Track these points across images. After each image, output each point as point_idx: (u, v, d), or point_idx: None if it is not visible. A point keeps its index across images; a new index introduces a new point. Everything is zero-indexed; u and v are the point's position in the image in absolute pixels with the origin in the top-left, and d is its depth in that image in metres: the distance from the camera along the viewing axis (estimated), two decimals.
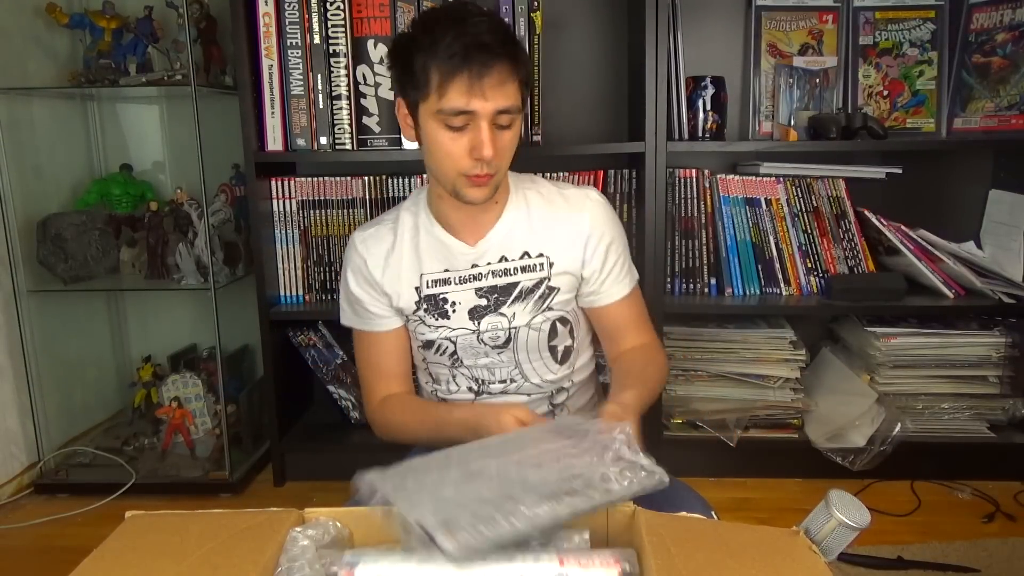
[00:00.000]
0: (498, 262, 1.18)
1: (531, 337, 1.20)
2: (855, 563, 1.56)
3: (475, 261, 1.19)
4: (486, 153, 1.04)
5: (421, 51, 1.04)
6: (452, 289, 1.19)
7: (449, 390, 1.25)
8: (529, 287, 1.19)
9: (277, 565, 0.69)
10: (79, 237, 2.05)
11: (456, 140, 1.06)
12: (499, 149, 1.06)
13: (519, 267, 1.19)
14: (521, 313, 1.19)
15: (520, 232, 1.19)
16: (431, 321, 1.20)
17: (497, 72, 1.02)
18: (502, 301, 1.19)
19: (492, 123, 1.05)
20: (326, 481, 1.99)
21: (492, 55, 1.02)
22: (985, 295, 1.90)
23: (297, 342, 2.01)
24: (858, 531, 0.74)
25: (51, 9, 1.99)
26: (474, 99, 1.02)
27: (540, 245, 1.19)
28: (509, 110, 1.05)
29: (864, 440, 1.88)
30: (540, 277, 1.19)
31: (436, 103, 1.04)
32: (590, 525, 0.76)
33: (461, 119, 1.04)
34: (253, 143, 1.88)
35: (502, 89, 1.03)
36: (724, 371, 1.99)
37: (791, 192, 1.99)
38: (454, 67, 1.01)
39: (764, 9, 2.05)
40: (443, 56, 1.01)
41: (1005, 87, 1.95)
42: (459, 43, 1.01)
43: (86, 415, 2.25)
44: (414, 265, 1.20)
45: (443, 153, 1.07)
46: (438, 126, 1.06)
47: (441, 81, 1.02)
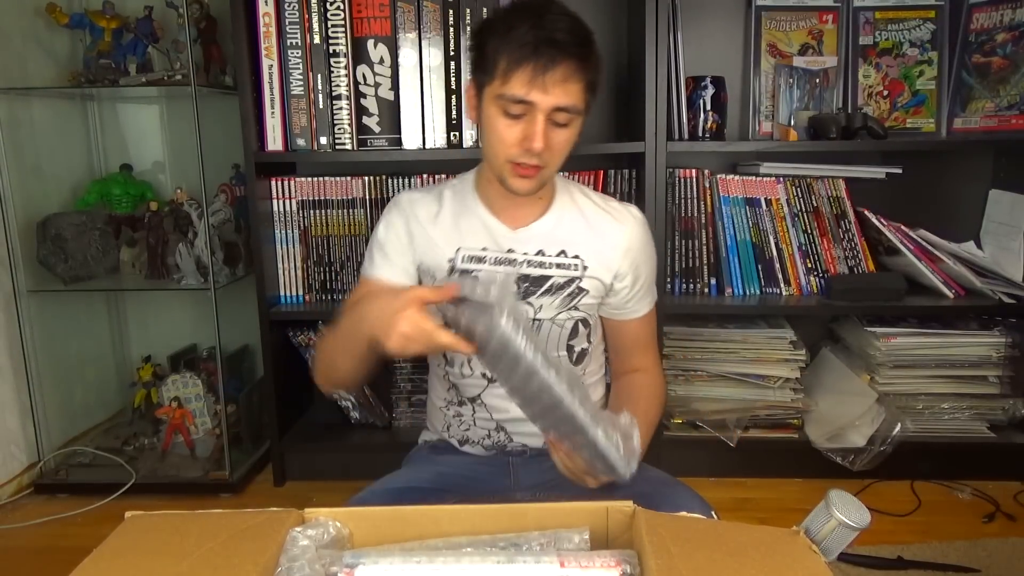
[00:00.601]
0: (535, 254, 1.21)
1: (553, 332, 1.23)
2: (855, 563, 1.56)
3: (512, 247, 1.21)
4: (536, 145, 1.07)
5: (496, 36, 1.08)
6: (485, 268, 1.21)
7: (463, 373, 1.25)
8: (560, 283, 1.21)
9: (277, 565, 0.69)
10: (79, 237, 2.05)
11: (511, 127, 1.09)
12: (551, 145, 1.09)
13: (554, 263, 1.21)
14: (548, 307, 1.21)
15: (562, 231, 1.22)
16: None
17: (562, 69, 1.05)
18: (532, 291, 1.21)
19: (549, 118, 1.07)
20: (326, 481, 1.99)
21: (560, 51, 1.04)
22: (985, 295, 1.90)
23: (297, 342, 2.01)
24: (858, 531, 0.74)
25: (51, 9, 1.99)
26: (534, 91, 1.05)
27: (578, 247, 1.21)
28: (568, 109, 1.07)
29: (864, 440, 1.88)
30: (572, 276, 1.21)
31: (499, 88, 1.07)
32: (590, 525, 0.76)
33: (519, 108, 1.07)
34: (253, 143, 1.88)
35: (564, 86, 1.06)
36: (724, 371, 1.99)
37: (791, 192, 1.99)
38: (522, 56, 1.04)
39: (764, 9, 2.05)
40: (514, 44, 1.05)
41: (1005, 87, 1.95)
42: (532, 34, 1.04)
43: (86, 415, 2.25)
44: (452, 238, 1.22)
45: (496, 137, 1.10)
46: (497, 111, 1.09)
47: (507, 67, 1.06)
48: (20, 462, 2.04)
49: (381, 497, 1.10)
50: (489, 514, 0.78)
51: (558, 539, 0.73)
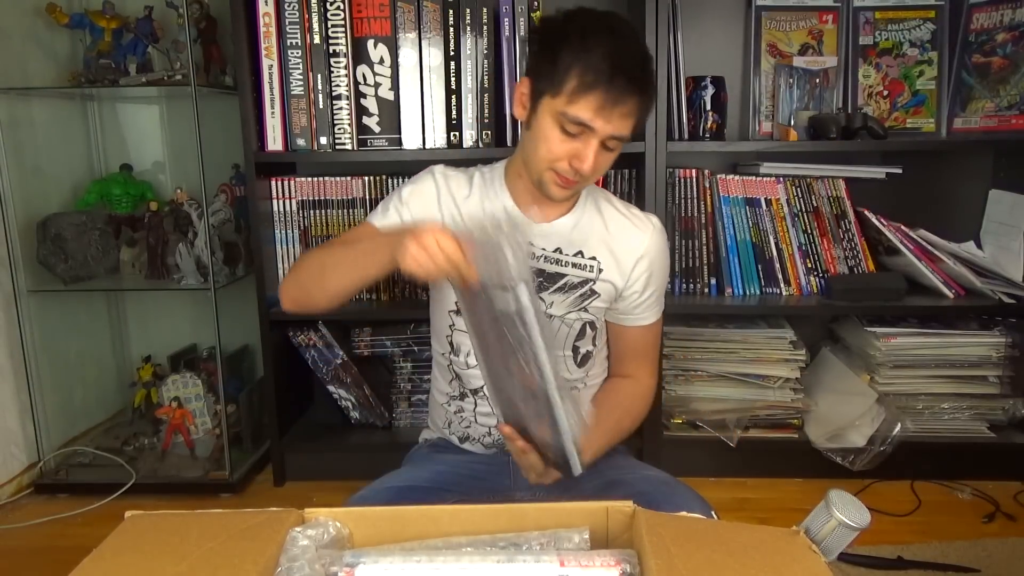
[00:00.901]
0: (552, 251, 1.22)
1: (561, 331, 1.23)
2: (855, 563, 1.56)
3: (532, 241, 1.22)
4: (585, 167, 1.09)
5: (571, 50, 1.06)
6: None
7: (467, 363, 1.26)
8: (574, 283, 1.22)
9: (277, 565, 0.69)
10: (79, 237, 2.05)
11: (564, 142, 1.10)
12: (596, 166, 1.11)
13: (571, 262, 1.22)
14: (559, 304, 1.22)
15: (581, 232, 1.23)
16: None
17: (630, 103, 1.06)
18: (545, 286, 1.22)
19: (602, 143, 1.09)
20: (326, 481, 1.99)
21: (633, 85, 1.05)
22: (985, 295, 1.90)
23: (297, 342, 2.01)
24: (858, 531, 0.74)
25: (51, 9, 1.99)
26: (599, 119, 1.06)
27: (595, 250, 1.23)
28: (622, 138, 1.10)
29: (864, 440, 1.88)
30: (587, 278, 1.22)
31: (563, 105, 1.07)
32: (590, 525, 0.76)
33: (578, 128, 1.08)
34: (253, 143, 1.88)
35: (626, 120, 1.08)
36: (724, 371, 1.99)
37: (791, 192, 1.99)
38: (596, 82, 1.04)
39: (764, 9, 2.05)
40: (591, 66, 1.04)
41: (1005, 87, 1.95)
42: (609, 61, 1.04)
43: (86, 415, 2.25)
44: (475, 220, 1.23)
45: (546, 147, 1.11)
46: (553, 123, 1.09)
47: (577, 88, 1.05)
48: (20, 462, 2.04)
49: (381, 496, 1.10)
50: (489, 514, 0.78)
51: (558, 539, 0.73)
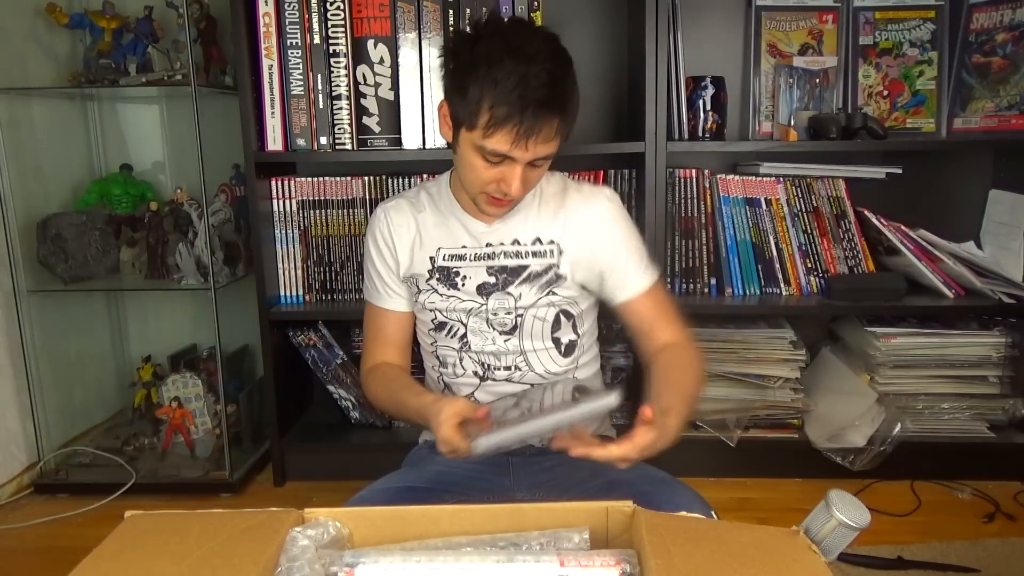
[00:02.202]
0: (511, 244, 1.24)
1: (535, 325, 1.24)
2: (855, 563, 1.56)
3: (490, 240, 1.24)
4: (513, 192, 1.11)
5: (478, 84, 1.06)
6: (465, 264, 1.25)
7: (455, 373, 1.28)
8: (537, 271, 1.24)
9: (277, 565, 0.69)
10: (79, 237, 2.05)
11: (488, 169, 1.11)
12: (527, 183, 1.13)
13: (530, 251, 1.24)
14: (527, 294, 1.23)
15: (535, 219, 1.25)
16: (442, 290, 1.25)
17: (546, 130, 1.07)
18: (510, 281, 1.24)
19: (527, 164, 1.10)
20: (326, 481, 1.99)
21: (546, 112, 1.05)
22: (985, 295, 1.90)
23: (297, 342, 2.01)
24: (858, 531, 0.74)
25: (51, 9, 1.99)
26: (516, 150, 1.07)
27: (552, 232, 1.24)
28: (547, 157, 1.12)
29: (864, 440, 1.88)
30: (549, 264, 1.24)
31: (479, 139, 1.08)
32: (590, 525, 0.76)
33: (499, 158, 1.09)
34: (253, 143, 1.88)
35: (548, 142, 1.09)
36: (724, 371, 1.99)
37: (791, 192, 1.99)
38: (507, 116, 1.04)
39: (764, 9, 2.05)
40: (499, 100, 1.04)
41: (1005, 87, 1.95)
42: (516, 94, 1.03)
43: (86, 415, 2.25)
44: (432, 239, 1.26)
45: (474, 176, 1.13)
46: (474, 153, 1.11)
47: (489, 122, 1.06)
48: (20, 462, 2.04)
49: (381, 497, 1.10)
50: (489, 514, 0.78)
51: (558, 539, 0.73)
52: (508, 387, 1.26)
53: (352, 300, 2.00)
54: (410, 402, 1.17)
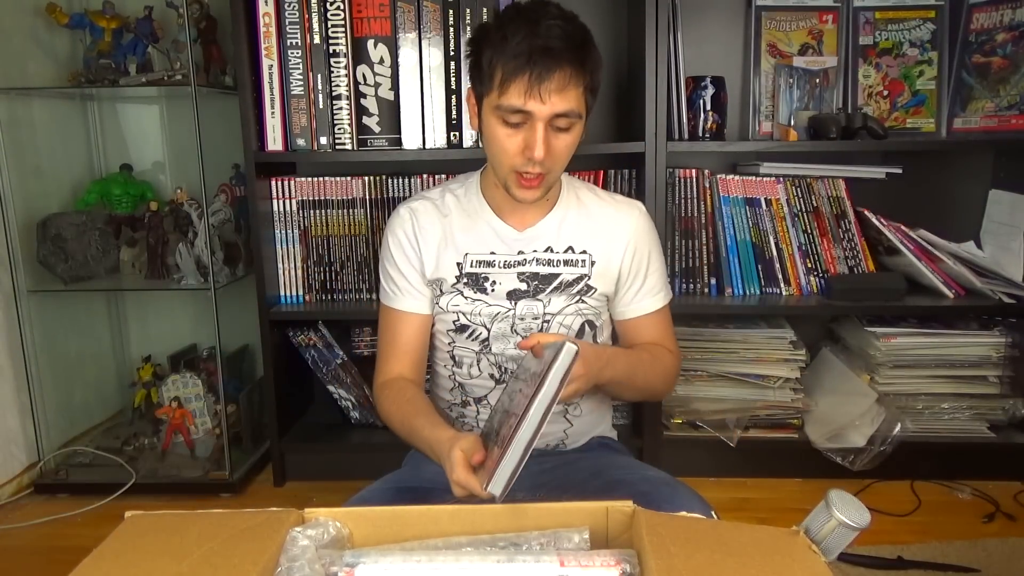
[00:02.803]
0: (544, 251, 1.22)
1: (560, 331, 1.23)
2: (855, 563, 1.56)
3: (521, 248, 1.22)
4: (537, 154, 1.07)
5: (491, 47, 1.07)
6: (495, 271, 1.22)
7: (470, 374, 1.25)
8: (569, 280, 1.22)
9: (277, 565, 0.69)
10: (79, 237, 2.05)
11: (511, 137, 1.09)
12: (553, 151, 1.09)
13: (562, 260, 1.22)
14: (556, 301, 1.22)
15: (568, 227, 1.23)
16: (469, 294, 1.22)
17: (558, 77, 1.05)
18: (541, 288, 1.22)
19: (549, 125, 1.07)
20: (326, 481, 1.99)
21: (556, 59, 1.04)
22: (985, 295, 1.90)
23: (297, 342, 2.01)
24: (858, 531, 0.74)
25: (51, 9, 1.99)
26: (531, 100, 1.05)
27: (585, 242, 1.23)
28: (567, 114, 1.07)
29: (864, 440, 1.88)
30: (581, 273, 1.22)
31: (496, 99, 1.08)
32: (590, 524, 0.76)
33: (518, 117, 1.07)
34: (253, 143, 1.88)
35: (562, 94, 1.06)
36: (724, 371, 1.99)
37: (791, 192, 1.99)
38: (517, 67, 1.04)
39: (764, 9, 2.05)
40: (509, 55, 1.05)
41: (1005, 87, 1.95)
42: (525, 44, 1.04)
43: (86, 415, 2.25)
44: (460, 243, 1.22)
45: (498, 147, 1.11)
46: (497, 121, 1.09)
47: (503, 79, 1.06)
48: (20, 462, 2.04)
49: (381, 497, 1.10)
50: (489, 514, 0.78)
51: (558, 538, 0.73)
52: None
53: (352, 300, 2.00)
54: (424, 432, 1.10)
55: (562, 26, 1.06)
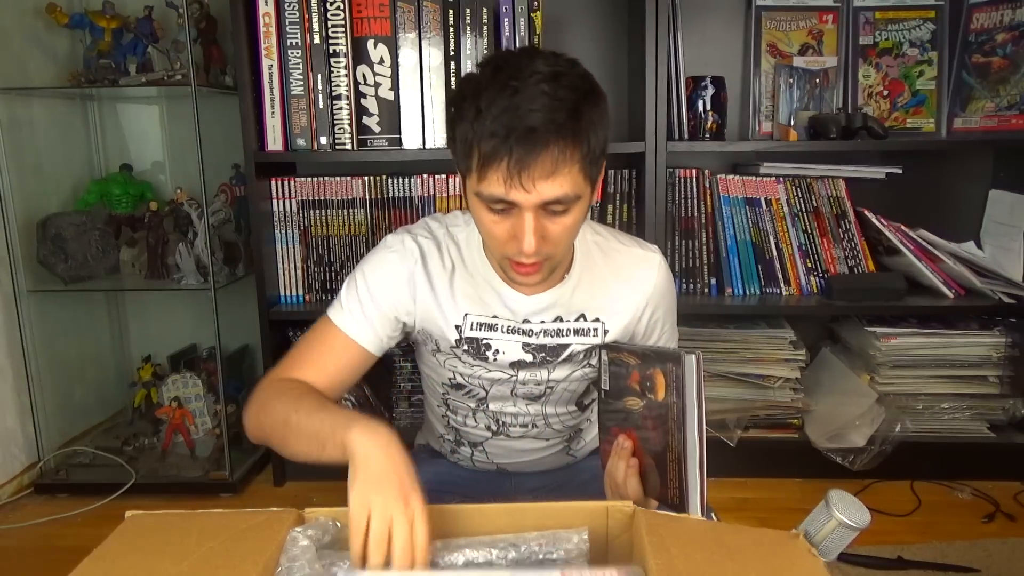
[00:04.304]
0: (552, 322, 1.07)
1: (564, 395, 1.14)
2: (855, 563, 1.56)
3: (528, 316, 1.06)
4: (526, 248, 0.90)
5: (466, 120, 0.88)
6: (498, 337, 1.07)
7: (466, 423, 1.18)
8: (578, 351, 1.09)
9: (277, 565, 0.69)
10: (79, 237, 2.05)
11: (498, 224, 0.92)
12: (550, 236, 0.92)
13: (573, 329, 1.08)
14: (562, 369, 1.11)
15: (581, 295, 1.08)
16: (467, 359, 1.09)
17: (543, 162, 0.85)
18: (548, 360, 1.09)
19: (541, 210, 0.89)
20: (326, 481, 1.96)
21: (538, 140, 0.84)
22: (985, 295, 1.90)
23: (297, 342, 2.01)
24: (858, 531, 0.74)
25: (51, 9, 1.99)
26: (513, 190, 0.86)
27: (598, 310, 1.09)
28: (560, 200, 0.88)
29: (864, 440, 1.88)
30: (592, 343, 1.09)
31: (476, 185, 0.90)
32: (590, 525, 0.76)
33: (502, 205, 0.89)
34: (253, 143, 1.88)
35: (550, 180, 0.86)
36: (724, 371, 1.99)
37: (791, 192, 1.99)
38: (494, 151, 0.85)
39: (764, 9, 2.05)
40: (484, 135, 0.86)
41: (1005, 87, 1.95)
42: (501, 122, 0.85)
43: (86, 415, 2.25)
44: (460, 302, 1.06)
45: (486, 233, 0.96)
46: (480, 205, 0.92)
47: (480, 164, 0.87)
48: (20, 462, 2.04)
49: None
50: (489, 514, 0.78)
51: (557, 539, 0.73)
52: (522, 443, 1.18)
53: None
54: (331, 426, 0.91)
55: (548, 91, 0.86)
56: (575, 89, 0.89)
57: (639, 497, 0.94)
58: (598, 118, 0.92)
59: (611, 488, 0.98)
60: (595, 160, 0.93)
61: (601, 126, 0.93)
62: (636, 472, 0.95)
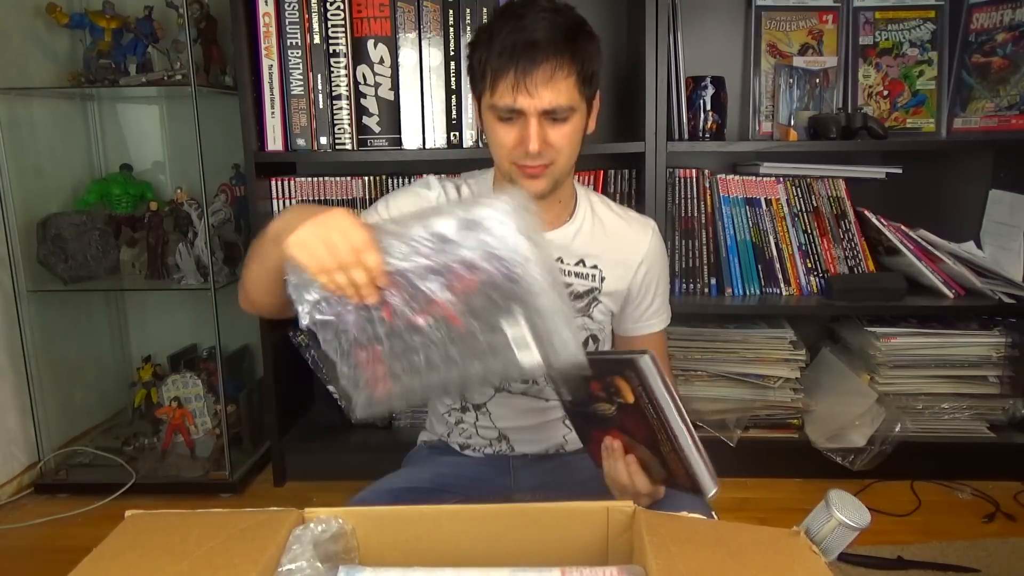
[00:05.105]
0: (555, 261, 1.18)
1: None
2: (855, 563, 1.56)
3: None
4: (531, 147, 1.06)
5: (480, 47, 1.08)
6: None
7: None
8: (580, 292, 1.20)
9: (277, 565, 0.69)
10: (79, 237, 2.05)
11: (508, 131, 1.08)
12: (552, 142, 1.08)
13: (573, 271, 1.20)
14: None
15: (581, 241, 1.20)
16: None
17: (543, 70, 1.03)
18: None
19: (543, 117, 1.06)
20: (326, 481, 1.99)
21: (539, 52, 1.03)
22: (985, 295, 1.90)
23: (297, 342, 2.01)
24: (858, 531, 0.74)
25: (51, 9, 1.99)
26: (520, 96, 1.04)
27: (596, 258, 1.20)
28: (563, 107, 1.06)
29: (864, 440, 1.88)
30: (591, 287, 1.20)
31: (490, 98, 1.07)
32: (590, 525, 0.76)
33: (511, 113, 1.07)
34: (253, 143, 1.88)
35: (550, 87, 1.04)
36: (724, 371, 1.99)
37: (791, 192, 1.99)
38: (502, 64, 1.04)
39: (764, 9, 2.05)
40: (495, 53, 1.05)
41: (1005, 87, 1.95)
42: (509, 40, 1.03)
43: (86, 415, 2.25)
44: None
45: (497, 143, 1.10)
46: (493, 118, 1.09)
47: (492, 78, 1.06)
48: (20, 462, 2.04)
49: (381, 497, 1.10)
50: (489, 514, 0.78)
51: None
52: (524, 400, 1.22)
53: None
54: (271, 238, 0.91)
55: (548, 18, 1.05)
56: (572, 19, 1.08)
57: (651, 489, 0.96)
58: (593, 47, 1.09)
59: (619, 491, 0.99)
60: (587, 80, 1.08)
61: (594, 55, 1.09)
62: (638, 467, 0.96)
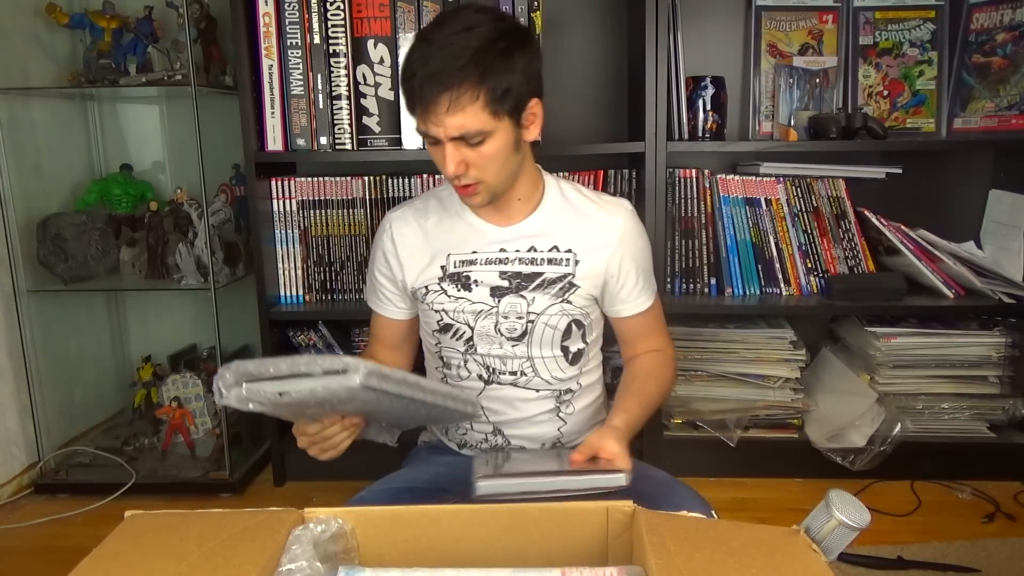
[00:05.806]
0: (527, 251, 1.22)
1: (546, 333, 1.22)
2: (855, 563, 1.56)
3: (503, 245, 1.22)
4: (448, 171, 1.10)
5: (402, 75, 1.10)
6: (477, 268, 1.22)
7: (459, 375, 1.26)
8: (552, 279, 1.22)
9: (277, 565, 0.69)
10: (79, 237, 2.05)
11: (436, 153, 1.13)
12: (473, 162, 1.10)
13: (546, 259, 1.22)
14: (540, 300, 1.21)
15: (552, 226, 1.23)
16: (452, 292, 1.23)
17: (442, 102, 1.04)
18: (524, 286, 1.21)
19: (459, 141, 1.08)
20: (326, 481, 1.98)
21: (437, 85, 1.04)
22: (985, 295, 1.90)
23: (297, 342, 2.01)
24: (858, 531, 0.74)
25: (51, 9, 1.99)
26: (429, 125, 1.08)
27: (569, 241, 1.23)
28: (473, 132, 1.07)
29: (864, 440, 1.88)
30: (564, 272, 1.22)
31: (415, 123, 1.12)
32: (590, 525, 0.76)
33: (431, 139, 1.11)
34: (253, 143, 1.88)
35: (457, 115, 1.05)
36: (724, 371, 1.99)
37: (791, 192, 1.99)
38: (412, 94, 1.08)
39: (764, 9, 2.05)
40: (407, 81, 1.08)
41: (1005, 87, 1.95)
42: (412, 70, 1.06)
43: (86, 415, 2.25)
44: (441, 247, 1.24)
45: (435, 163, 1.14)
46: (425, 140, 1.13)
47: (409, 107, 1.11)
48: (20, 462, 2.04)
49: (381, 497, 1.10)
50: (489, 514, 0.78)
51: None
52: (513, 391, 1.24)
53: (352, 300, 2.00)
54: None
55: (456, 42, 1.04)
56: (483, 38, 1.05)
57: None
58: (504, 64, 1.06)
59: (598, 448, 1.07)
60: (501, 99, 1.06)
61: (508, 70, 1.06)
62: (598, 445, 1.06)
